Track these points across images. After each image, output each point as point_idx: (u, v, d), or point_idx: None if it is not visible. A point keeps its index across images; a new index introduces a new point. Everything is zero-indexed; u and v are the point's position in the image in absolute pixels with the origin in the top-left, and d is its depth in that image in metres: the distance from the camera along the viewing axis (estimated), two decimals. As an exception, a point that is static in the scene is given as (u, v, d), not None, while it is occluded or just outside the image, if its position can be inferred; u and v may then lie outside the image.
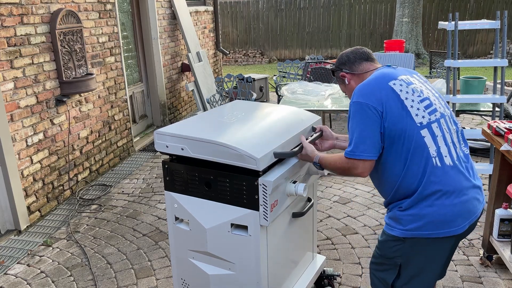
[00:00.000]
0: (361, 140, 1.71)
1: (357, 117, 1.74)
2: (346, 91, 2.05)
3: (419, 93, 1.77)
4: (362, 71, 1.97)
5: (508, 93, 5.91)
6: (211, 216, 1.99)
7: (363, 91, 1.76)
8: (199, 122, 2.14)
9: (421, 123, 1.71)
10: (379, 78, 1.80)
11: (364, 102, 1.73)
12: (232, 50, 14.16)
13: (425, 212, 1.71)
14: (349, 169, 1.76)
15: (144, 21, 6.03)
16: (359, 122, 1.73)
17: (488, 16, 11.93)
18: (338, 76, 2.03)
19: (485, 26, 3.54)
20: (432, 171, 1.69)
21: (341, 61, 2.02)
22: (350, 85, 1.99)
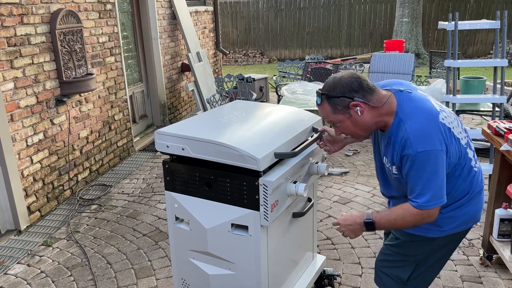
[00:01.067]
0: (438, 189, 1.62)
1: (427, 167, 1.60)
2: (349, 126, 1.76)
3: (449, 116, 1.73)
4: (378, 99, 1.70)
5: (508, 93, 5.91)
6: (212, 216, 1.99)
7: (423, 136, 1.61)
8: (200, 122, 2.14)
9: (466, 143, 1.74)
10: (428, 115, 1.66)
11: (432, 149, 1.60)
12: (232, 50, 14.16)
13: (463, 211, 1.78)
14: (423, 220, 1.67)
15: (144, 21, 6.03)
16: (431, 171, 1.60)
17: (488, 16, 11.93)
18: (344, 105, 1.70)
19: (485, 26, 3.55)
20: (474, 180, 1.78)
21: (351, 87, 1.69)
22: (362, 118, 1.71)
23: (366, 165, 4.69)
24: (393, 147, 1.70)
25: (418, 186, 1.63)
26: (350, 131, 1.79)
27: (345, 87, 1.69)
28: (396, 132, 1.68)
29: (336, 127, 1.81)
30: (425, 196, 1.62)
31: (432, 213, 1.65)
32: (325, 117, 1.78)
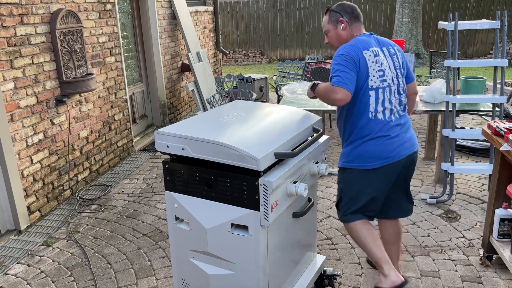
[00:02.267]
0: (344, 75, 2.21)
1: (341, 62, 2.24)
2: (332, 36, 2.45)
3: (379, 65, 2.32)
4: (356, 30, 2.42)
5: (508, 93, 5.91)
6: (212, 216, 1.99)
7: (347, 49, 2.28)
8: (200, 122, 2.14)
9: (372, 86, 2.30)
10: (358, 45, 2.31)
11: (348, 54, 2.25)
12: (232, 50, 14.16)
13: (358, 150, 2.35)
14: (330, 91, 2.22)
15: (144, 21, 6.03)
16: (342, 64, 2.24)
17: (488, 16, 11.93)
18: (336, 18, 2.42)
19: (485, 26, 3.54)
20: (366, 122, 2.32)
21: (346, 9, 2.41)
22: (342, 32, 2.42)
23: (366, 165, 4.69)
24: None
25: (333, 73, 2.25)
26: (332, 41, 2.47)
27: (342, 8, 2.41)
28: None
29: (326, 36, 2.49)
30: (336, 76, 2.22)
31: (338, 90, 2.19)
32: (323, 25, 2.48)
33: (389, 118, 2.34)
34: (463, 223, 3.42)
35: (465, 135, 3.77)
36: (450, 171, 3.72)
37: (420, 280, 2.76)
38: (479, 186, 4.08)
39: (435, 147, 4.76)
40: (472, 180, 4.22)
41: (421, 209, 3.67)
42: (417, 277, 2.79)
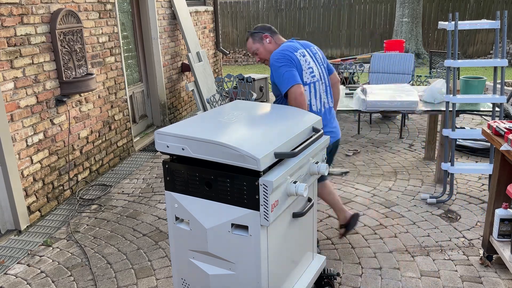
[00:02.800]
0: (291, 75, 2.58)
1: (282, 65, 2.61)
2: (262, 51, 2.81)
3: (308, 64, 2.74)
4: (279, 40, 2.85)
5: (508, 93, 5.91)
6: (212, 216, 1.99)
7: (280, 53, 2.66)
8: (200, 122, 2.14)
9: (305, 82, 2.71)
10: (288, 49, 2.69)
11: (283, 56, 2.64)
12: (232, 50, 14.16)
13: None
14: (295, 92, 2.55)
15: (144, 21, 6.03)
16: (284, 68, 2.60)
17: (488, 16, 11.93)
18: (260, 36, 2.80)
19: (485, 26, 3.54)
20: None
21: (264, 27, 2.84)
22: (269, 45, 2.80)
23: (366, 165, 4.69)
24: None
25: (280, 80, 2.61)
26: (263, 56, 2.83)
27: (261, 28, 2.83)
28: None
29: (256, 55, 2.86)
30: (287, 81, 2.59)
31: (297, 87, 2.57)
32: (249, 48, 2.86)
33: (321, 109, 2.79)
34: (463, 223, 3.42)
35: (465, 135, 3.77)
36: (450, 171, 3.72)
37: (420, 280, 2.76)
38: (479, 186, 4.08)
39: (435, 147, 4.76)
40: (472, 180, 4.22)
41: (421, 209, 3.67)
42: (417, 277, 2.79)
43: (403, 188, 4.10)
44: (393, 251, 3.09)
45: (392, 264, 2.93)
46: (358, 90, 4.19)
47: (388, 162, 4.77)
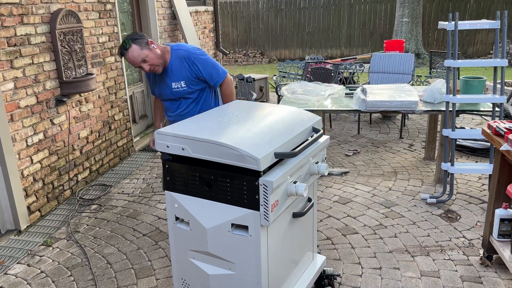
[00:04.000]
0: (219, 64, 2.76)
1: (209, 57, 2.78)
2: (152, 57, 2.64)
3: None
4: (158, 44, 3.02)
5: (508, 93, 5.91)
6: (212, 216, 1.99)
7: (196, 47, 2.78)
8: (200, 122, 2.14)
9: None
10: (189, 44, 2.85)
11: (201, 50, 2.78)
12: (232, 50, 14.16)
13: None
14: (230, 79, 2.82)
15: (144, 21, 6.03)
16: (211, 58, 2.78)
17: (488, 16, 11.93)
18: (145, 42, 2.64)
19: (485, 26, 3.54)
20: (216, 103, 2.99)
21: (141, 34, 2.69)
22: (156, 50, 2.68)
23: (366, 165, 4.69)
24: (182, 67, 2.73)
25: (215, 69, 2.76)
26: (154, 62, 2.65)
27: (138, 35, 2.65)
28: (175, 60, 2.74)
29: (145, 64, 2.64)
30: (222, 70, 2.80)
31: (229, 76, 2.83)
32: (136, 57, 2.60)
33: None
34: (463, 223, 3.42)
35: (465, 135, 3.77)
36: (450, 171, 3.72)
37: (420, 280, 2.76)
38: (479, 186, 4.08)
39: (435, 147, 4.76)
40: (472, 180, 4.22)
41: (421, 209, 3.67)
42: (417, 277, 2.79)
43: (403, 188, 4.10)
44: (393, 251, 3.09)
45: (392, 264, 2.93)
46: (358, 90, 4.19)
47: (388, 162, 4.77)
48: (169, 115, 2.94)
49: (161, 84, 2.84)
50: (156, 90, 2.91)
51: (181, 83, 2.76)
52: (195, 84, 2.78)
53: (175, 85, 2.77)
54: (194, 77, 2.76)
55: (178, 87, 2.77)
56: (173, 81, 2.77)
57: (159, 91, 2.88)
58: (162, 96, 2.89)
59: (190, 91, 2.79)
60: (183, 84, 2.77)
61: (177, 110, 2.87)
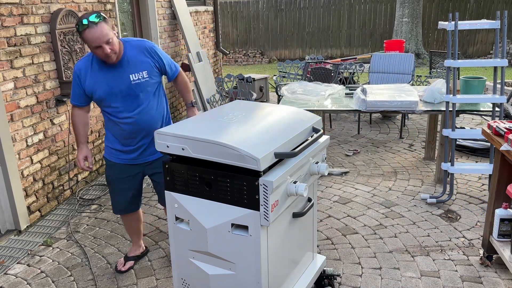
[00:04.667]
0: None
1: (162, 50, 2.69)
2: (115, 42, 2.43)
3: None
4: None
5: (508, 93, 5.92)
6: (212, 216, 1.99)
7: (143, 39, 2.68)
8: (200, 122, 2.14)
9: None
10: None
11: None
12: (232, 50, 14.16)
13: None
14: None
15: (144, 21, 6.03)
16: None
17: (488, 16, 11.94)
18: (111, 25, 2.44)
19: (485, 26, 3.54)
20: None
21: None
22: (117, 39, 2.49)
23: (366, 165, 4.69)
24: (142, 57, 2.56)
25: (169, 61, 2.70)
26: (115, 47, 2.42)
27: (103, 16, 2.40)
28: (131, 50, 2.54)
29: (107, 46, 2.37)
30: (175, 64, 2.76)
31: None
32: (104, 35, 2.34)
33: None
34: (463, 223, 3.42)
35: (465, 135, 3.77)
36: (450, 171, 3.72)
37: (420, 280, 2.76)
38: (479, 186, 4.08)
39: (435, 147, 4.76)
40: (472, 180, 4.22)
41: (421, 209, 3.67)
42: (417, 277, 2.79)
43: (403, 188, 4.10)
44: (393, 251, 3.09)
45: (392, 264, 2.93)
46: (358, 90, 4.19)
47: (388, 162, 4.77)
48: (125, 117, 2.59)
49: (112, 81, 2.52)
50: (100, 92, 2.54)
51: (143, 73, 2.54)
52: (155, 76, 2.60)
53: (135, 77, 2.52)
54: (155, 67, 2.59)
55: (139, 78, 2.53)
56: (131, 73, 2.52)
57: (109, 90, 2.53)
58: (111, 97, 2.55)
59: (152, 82, 2.59)
60: (145, 74, 2.55)
61: (138, 107, 2.58)
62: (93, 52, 2.42)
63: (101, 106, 2.62)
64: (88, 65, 2.54)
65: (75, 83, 2.57)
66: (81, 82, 2.55)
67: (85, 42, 2.40)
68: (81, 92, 2.59)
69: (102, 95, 2.54)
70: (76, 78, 2.55)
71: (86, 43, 2.38)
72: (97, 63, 2.53)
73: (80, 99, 2.62)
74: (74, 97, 2.62)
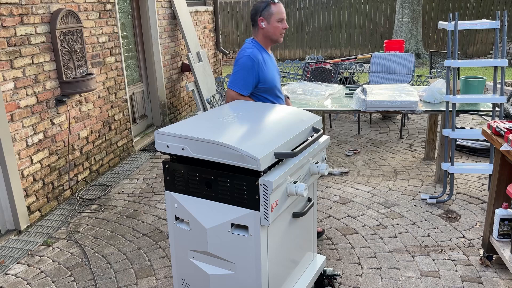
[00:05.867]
0: None
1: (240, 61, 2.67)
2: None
3: None
4: None
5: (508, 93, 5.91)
6: (212, 216, 1.99)
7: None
8: (200, 122, 2.14)
9: None
10: None
11: None
12: (232, 50, 14.16)
13: None
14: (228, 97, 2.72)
15: (144, 21, 6.03)
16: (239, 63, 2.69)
17: (488, 16, 11.93)
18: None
19: (485, 26, 3.54)
20: None
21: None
22: None
23: (366, 165, 4.69)
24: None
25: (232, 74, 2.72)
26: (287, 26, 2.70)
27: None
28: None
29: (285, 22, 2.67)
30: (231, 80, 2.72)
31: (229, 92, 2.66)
32: (284, 12, 2.65)
33: None
34: (463, 223, 3.42)
35: (465, 135, 3.77)
36: (450, 171, 3.72)
37: (420, 280, 2.76)
38: (479, 186, 4.08)
39: (435, 147, 4.76)
40: (472, 180, 4.22)
41: (421, 209, 3.67)
42: (417, 277, 2.79)
43: (403, 188, 4.10)
44: (393, 251, 3.09)
45: (392, 264, 2.93)
46: (358, 90, 4.19)
47: (388, 162, 4.77)
48: None
49: (273, 67, 2.76)
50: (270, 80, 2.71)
51: None
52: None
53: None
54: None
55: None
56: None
57: (272, 76, 2.72)
58: (276, 86, 2.75)
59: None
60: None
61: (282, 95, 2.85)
62: (273, 26, 2.63)
63: (264, 94, 2.71)
64: (258, 53, 2.65)
65: (249, 71, 2.59)
66: (258, 69, 2.61)
67: (268, 16, 2.61)
68: (254, 80, 2.62)
69: (272, 83, 2.67)
70: (253, 66, 2.59)
71: (271, 16, 2.60)
72: (261, 52, 2.68)
73: (250, 87, 2.64)
74: (246, 86, 2.63)
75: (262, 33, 2.69)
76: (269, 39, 2.70)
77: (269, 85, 2.69)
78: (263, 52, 2.70)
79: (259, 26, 2.67)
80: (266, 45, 2.73)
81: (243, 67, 2.60)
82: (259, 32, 2.70)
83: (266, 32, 2.67)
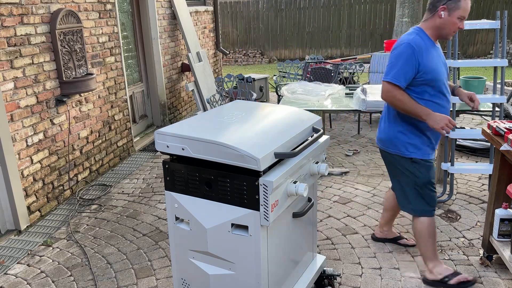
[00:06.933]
0: None
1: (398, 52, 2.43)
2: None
3: None
4: None
5: (508, 93, 5.91)
6: (212, 216, 1.99)
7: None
8: (200, 122, 2.14)
9: None
10: None
11: None
12: (232, 50, 14.16)
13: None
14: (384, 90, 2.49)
15: (144, 21, 6.03)
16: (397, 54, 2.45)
17: (488, 16, 11.93)
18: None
19: (485, 26, 3.54)
20: None
21: None
22: None
23: (366, 165, 4.69)
24: None
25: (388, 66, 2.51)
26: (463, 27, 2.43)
27: None
28: None
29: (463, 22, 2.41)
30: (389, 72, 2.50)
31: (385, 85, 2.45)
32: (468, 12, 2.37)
33: None
34: (463, 223, 3.42)
35: (465, 135, 3.77)
36: (450, 171, 3.72)
37: (420, 280, 2.76)
38: (479, 186, 4.08)
39: (435, 147, 4.76)
40: (472, 180, 4.22)
41: (421, 209, 3.67)
42: (417, 277, 2.79)
43: (403, 188, 4.10)
44: (393, 251, 3.09)
45: (392, 264, 2.93)
46: (358, 90, 4.19)
47: (388, 162, 4.76)
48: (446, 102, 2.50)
49: (439, 59, 2.46)
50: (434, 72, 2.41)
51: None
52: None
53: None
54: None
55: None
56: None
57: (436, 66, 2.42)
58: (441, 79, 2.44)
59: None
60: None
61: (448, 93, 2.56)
62: (452, 20, 2.36)
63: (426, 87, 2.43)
64: (421, 40, 2.39)
65: (410, 61, 2.35)
66: (418, 57, 2.36)
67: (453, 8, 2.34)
68: (413, 70, 2.36)
69: (434, 74, 2.40)
70: (413, 53, 2.35)
71: (456, 9, 2.33)
72: (425, 41, 2.41)
73: (409, 78, 2.39)
74: (405, 77, 2.37)
75: (436, 23, 2.40)
76: (440, 32, 2.42)
77: (431, 77, 2.38)
78: (427, 41, 2.41)
79: (438, 14, 2.37)
80: (433, 37, 2.44)
81: (401, 55, 2.34)
82: (432, 20, 2.41)
83: (442, 23, 2.38)
